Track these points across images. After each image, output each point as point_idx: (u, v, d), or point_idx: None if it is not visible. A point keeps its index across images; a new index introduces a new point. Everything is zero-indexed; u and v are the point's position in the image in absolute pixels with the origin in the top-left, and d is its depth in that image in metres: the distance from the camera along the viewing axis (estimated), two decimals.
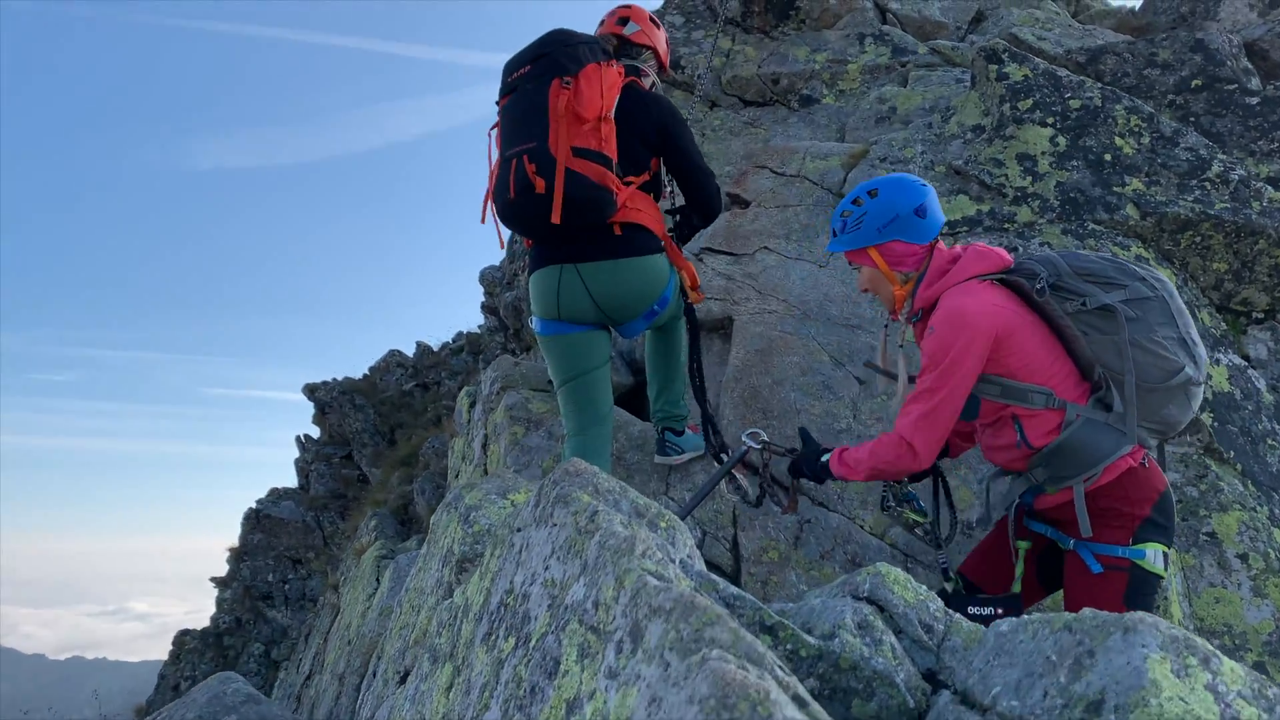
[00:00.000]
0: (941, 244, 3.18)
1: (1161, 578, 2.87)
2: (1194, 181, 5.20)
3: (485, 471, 5.05)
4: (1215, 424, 4.70)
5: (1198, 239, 5.13)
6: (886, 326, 3.48)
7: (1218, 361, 4.94)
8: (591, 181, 3.54)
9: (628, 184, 3.79)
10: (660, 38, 4.21)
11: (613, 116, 3.66)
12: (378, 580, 5.18)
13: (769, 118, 6.92)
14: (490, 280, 10.53)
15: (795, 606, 1.77)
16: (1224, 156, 5.29)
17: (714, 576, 1.60)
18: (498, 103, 3.83)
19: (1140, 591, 2.84)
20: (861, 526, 4.32)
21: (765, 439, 3.74)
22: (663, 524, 1.77)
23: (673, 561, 1.55)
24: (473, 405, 5.66)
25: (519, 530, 1.97)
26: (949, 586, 3.36)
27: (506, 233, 3.93)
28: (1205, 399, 4.78)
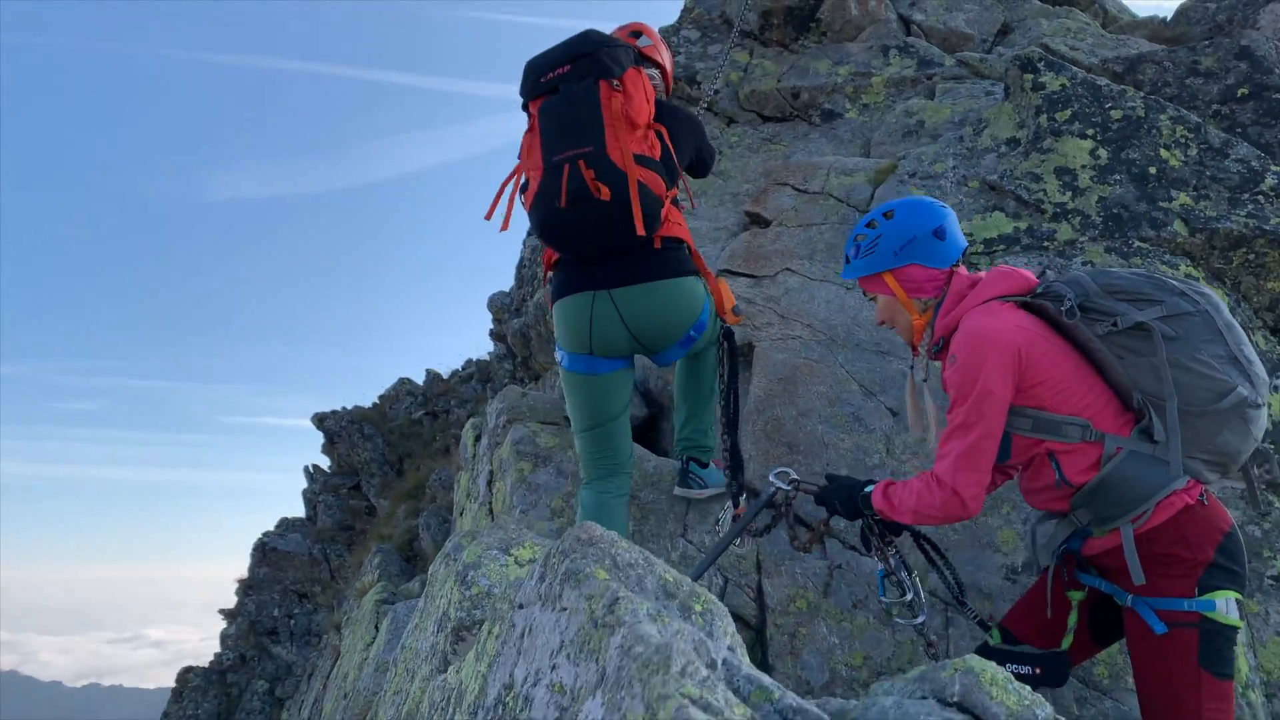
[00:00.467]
0: (962, 269, 2.94)
1: (1238, 629, 2.54)
2: (1246, 195, 4.86)
3: (490, 510, 4.73)
4: (1277, 455, 4.34)
5: (1251, 256, 4.78)
6: (912, 368, 3.17)
7: (1275, 389, 4.58)
8: (651, 191, 3.36)
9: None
10: (668, 58, 4.05)
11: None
12: (376, 627, 4.85)
13: (789, 133, 6.62)
14: (498, 307, 10.25)
15: (862, 706, 1.43)
16: (1278, 168, 4.94)
17: (766, 681, 1.26)
18: (526, 106, 3.58)
19: (1216, 648, 2.51)
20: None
21: (795, 477, 3.38)
22: (698, 607, 1.43)
23: (715, 666, 1.21)
24: (478, 438, 5.34)
25: (521, 608, 1.64)
26: (990, 639, 3.04)
27: (516, 222, 3.73)
28: (1266, 428, 4.42)
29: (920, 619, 3.23)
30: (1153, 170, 5.00)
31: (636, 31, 3.95)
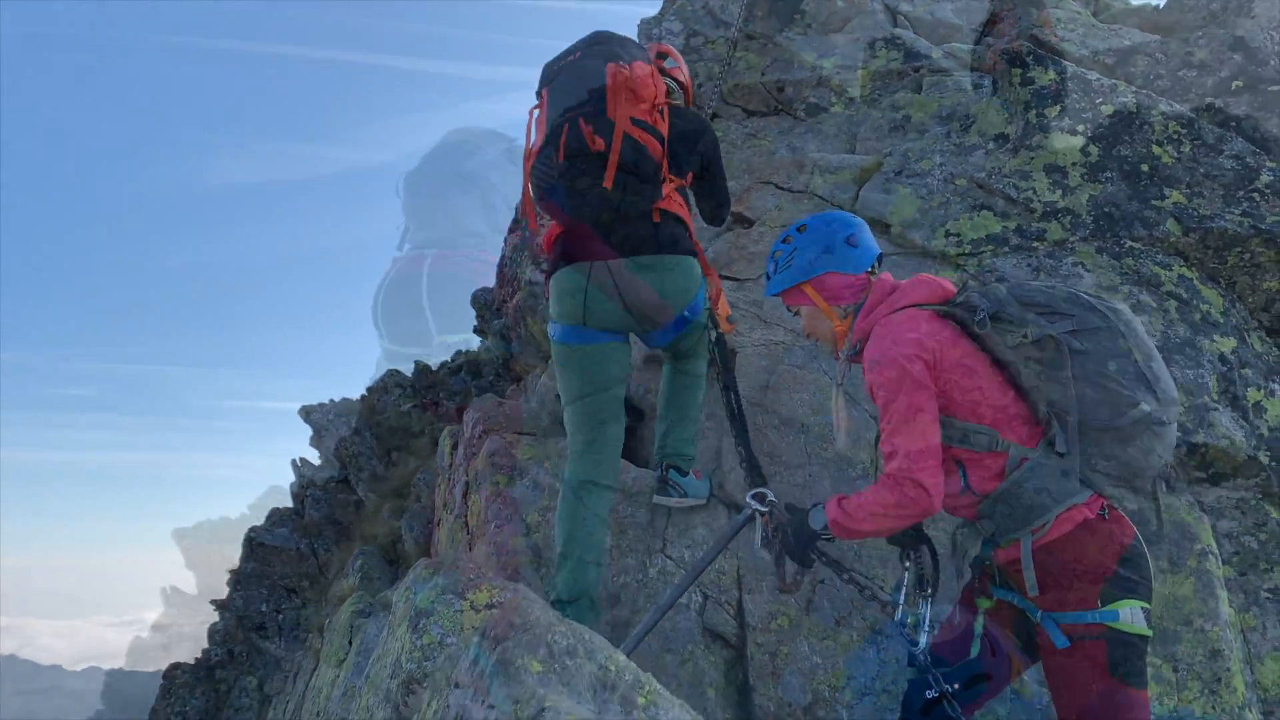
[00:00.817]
0: (886, 275, 3.01)
1: (1148, 638, 2.57)
2: (1241, 193, 4.73)
3: (466, 524, 4.60)
4: (1273, 464, 4.23)
5: (1246, 256, 4.66)
6: (837, 384, 3.14)
7: (1273, 393, 4.46)
8: (647, 152, 3.46)
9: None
10: (689, 81, 4.20)
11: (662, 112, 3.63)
12: (350, 642, 4.74)
13: (773, 128, 6.46)
14: (481, 304, 10.08)
15: None
16: (1274, 164, 4.81)
17: None
18: (540, 93, 3.73)
19: (1125, 658, 2.53)
20: (882, 587, 3.84)
21: (772, 498, 3.26)
22: (642, 699, 1.30)
23: None
24: (454, 447, 5.22)
25: (457, 687, 1.52)
26: (909, 676, 3.00)
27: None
28: (1260, 435, 4.31)
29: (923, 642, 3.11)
30: (1145, 167, 4.87)
31: (663, 54, 4.12)
